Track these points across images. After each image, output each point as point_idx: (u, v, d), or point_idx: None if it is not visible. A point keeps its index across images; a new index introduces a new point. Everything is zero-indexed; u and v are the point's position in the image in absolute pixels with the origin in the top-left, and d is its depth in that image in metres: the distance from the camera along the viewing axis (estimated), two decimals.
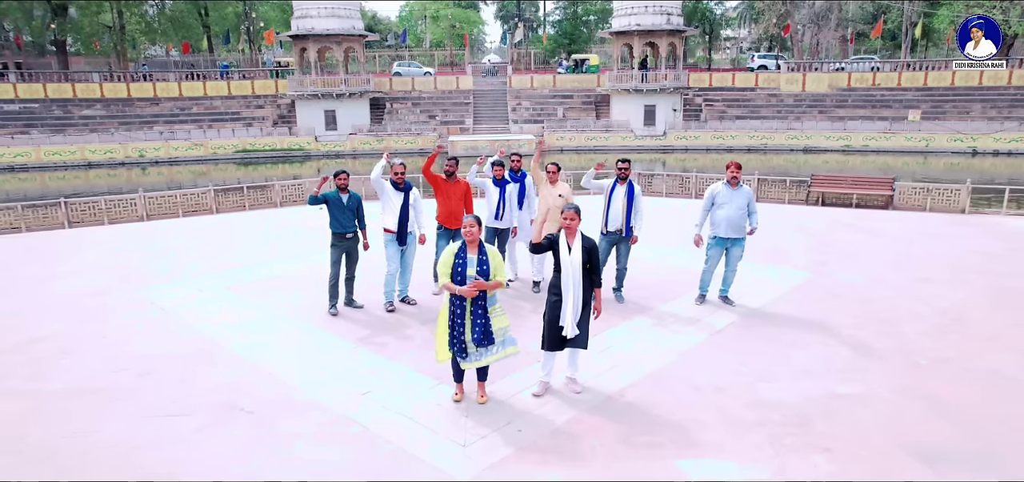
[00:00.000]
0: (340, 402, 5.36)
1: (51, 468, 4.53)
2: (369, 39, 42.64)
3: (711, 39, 56.15)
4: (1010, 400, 5.33)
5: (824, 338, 6.63)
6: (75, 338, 6.99)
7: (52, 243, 12.02)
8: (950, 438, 4.74)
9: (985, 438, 4.74)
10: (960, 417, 5.03)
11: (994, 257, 10.05)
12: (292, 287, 8.58)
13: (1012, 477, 4.26)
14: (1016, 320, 7.22)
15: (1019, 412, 5.13)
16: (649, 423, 4.97)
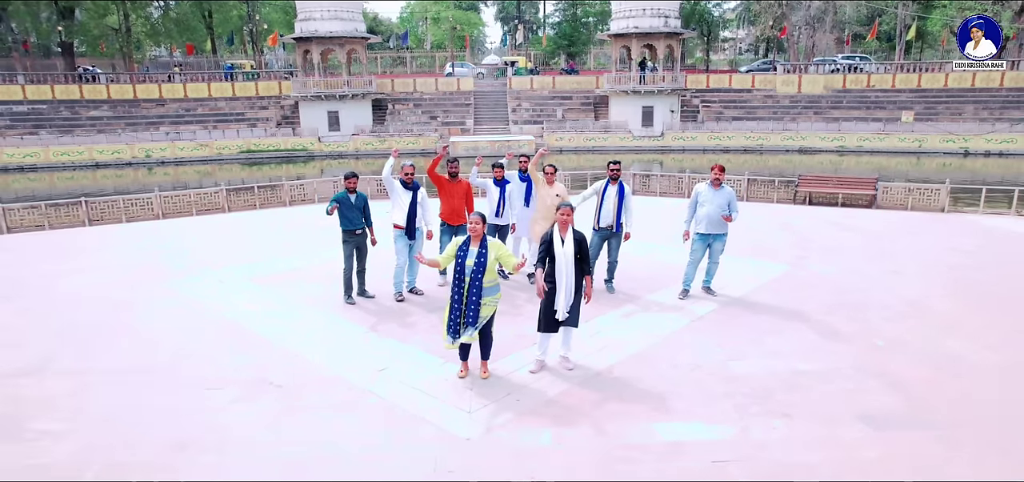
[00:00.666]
0: (359, 377, 6.02)
1: (110, 428, 5.18)
2: (371, 41, 43.29)
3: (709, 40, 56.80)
4: (958, 378, 5.98)
5: (795, 324, 7.29)
6: (111, 326, 7.65)
7: (76, 240, 12.68)
8: (897, 408, 5.39)
9: (929, 408, 5.39)
10: (910, 392, 5.68)
11: (964, 252, 10.71)
12: (308, 279, 9.23)
13: (944, 434, 4.91)
14: (974, 308, 7.87)
15: (964, 387, 5.78)
16: (632, 394, 5.63)
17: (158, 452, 4.85)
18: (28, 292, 9.06)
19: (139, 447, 4.93)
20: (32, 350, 6.87)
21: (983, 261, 10.20)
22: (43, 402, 5.68)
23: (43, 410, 5.53)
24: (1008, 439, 4.90)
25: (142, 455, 4.83)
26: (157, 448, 4.91)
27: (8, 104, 38.83)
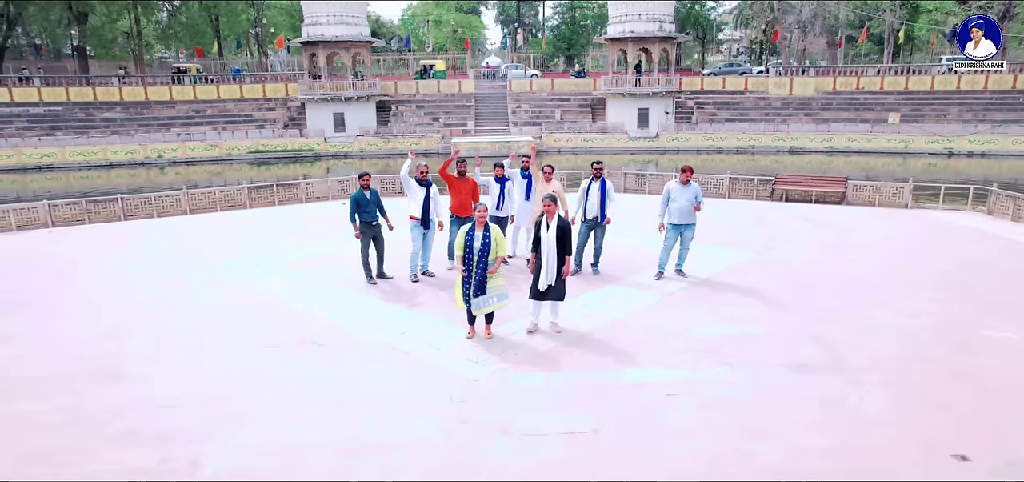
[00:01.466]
0: (385, 339, 7.35)
1: (189, 373, 6.51)
2: (375, 45, 44.62)
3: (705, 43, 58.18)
4: (871, 337, 7.30)
5: (750, 299, 8.62)
6: (169, 300, 8.97)
7: (116, 233, 14.01)
8: (818, 359, 6.72)
9: (842, 360, 6.71)
10: (831, 348, 7.01)
11: (912, 241, 12.05)
12: (332, 264, 10.55)
13: (851, 377, 6.24)
14: (903, 286, 9.21)
15: (876, 345, 7.10)
16: (607, 350, 6.96)
17: (234, 391, 6.18)
18: (92, 274, 10.40)
19: (217, 387, 6.26)
20: (112, 319, 8.21)
21: (925, 249, 11.54)
22: (132, 355, 7.01)
23: (134, 361, 6.86)
24: (899, 381, 6.22)
25: (222, 391, 6.16)
26: (232, 388, 6.24)
27: (25, 106, 40.21)
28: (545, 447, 5.14)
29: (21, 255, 12.06)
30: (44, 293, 9.47)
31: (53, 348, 7.30)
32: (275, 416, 5.66)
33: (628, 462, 4.92)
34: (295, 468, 4.87)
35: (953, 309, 8.22)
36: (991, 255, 11.09)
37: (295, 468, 4.87)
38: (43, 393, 6.19)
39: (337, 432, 5.40)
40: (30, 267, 11.12)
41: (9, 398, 6.12)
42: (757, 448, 5.07)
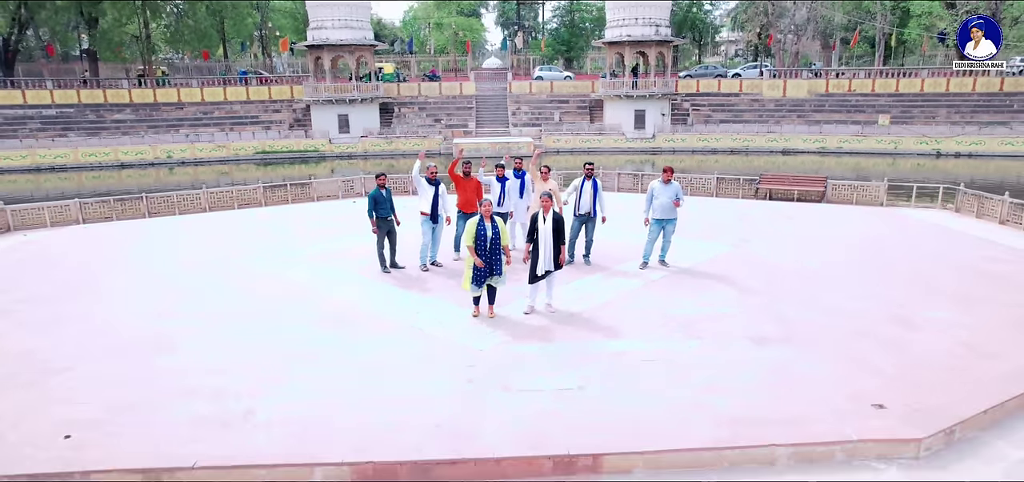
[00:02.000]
0: (403, 319, 8.43)
1: (237, 348, 7.58)
2: (379, 48, 45.68)
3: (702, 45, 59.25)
4: (824, 316, 8.37)
5: (723, 284, 9.70)
6: (210, 288, 10.06)
7: (145, 229, 15.09)
8: (775, 334, 7.79)
9: (795, 334, 7.79)
10: (787, 325, 8.08)
11: (878, 236, 13.13)
12: (348, 257, 11.62)
13: (800, 348, 7.31)
14: (858, 273, 10.30)
15: (824, 321, 8.17)
16: (595, 326, 8.04)
17: (275, 360, 7.26)
18: (132, 265, 11.48)
19: (260, 358, 7.34)
20: (160, 303, 9.29)
21: (888, 243, 12.61)
22: (182, 333, 8.08)
23: (185, 337, 7.94)
24: (840, 351, 7.28)
25: (265, 361, 7.23)
26: (274, 358, 7.32)
27: (38, 108, 41.28)
28: (539, 400, 6.22)
29: (64, 248, 13.15)
30: (95, 281, 10.55)
31: (116, 325, 8.39)
32: (312, 379, 6.74)
33: (606, 410, 6.00)
34: (334, 416, 5.95)
35: (900, 294, 9.30)
36: (946, 248, 12.17)
37: (334, 416, 5.95)
38: (116, 359, 7.27)
39: (365, 389, 6.48)
40: (75, 259, 12.21)
41: (91, 361, 7.21)
42: (714, 400, 6.14)
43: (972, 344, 7.42)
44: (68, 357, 7.37)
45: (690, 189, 18.68)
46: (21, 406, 6.20)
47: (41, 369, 7.06)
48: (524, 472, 5.24)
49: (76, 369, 7.07)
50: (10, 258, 12.42)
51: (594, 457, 5.26)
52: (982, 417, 5.82)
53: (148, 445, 5.49)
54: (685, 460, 5.33)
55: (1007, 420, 5.95)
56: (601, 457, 5.26)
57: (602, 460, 5.26)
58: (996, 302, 8.91)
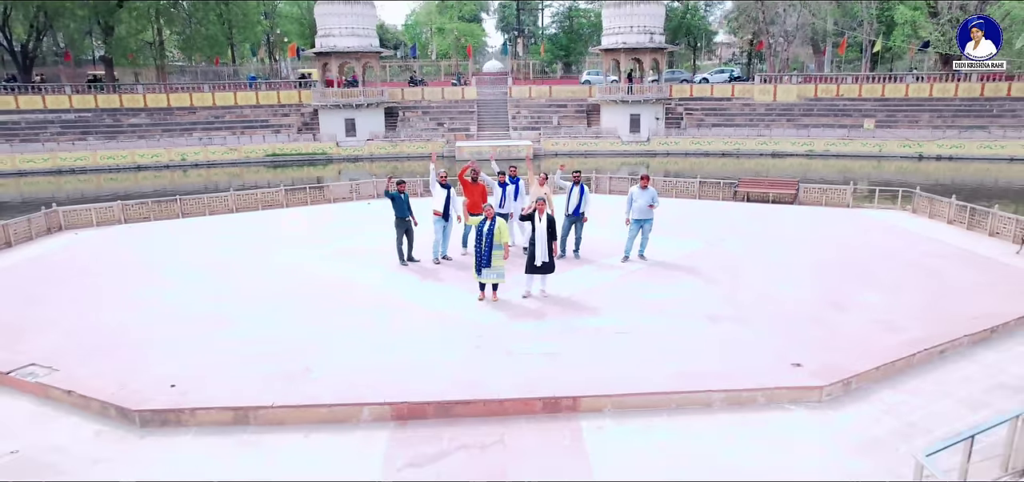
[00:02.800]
0: (418, 302, 10.14)
1: (291, 321, 9.29)
2: (384, 55, 47.38)
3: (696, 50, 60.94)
4: (771, 301, 10.08)
5: (692, 276, 11.41)
6: (255, 277, 11.76)
7: (181, 228, 16.80)
8: (729, 313, 9.50)
9: (746, 314, 9.49)
10: (740, 308, 9.78)
11: (836, 235, 14.82)
12: (368, 252, 13.30)
13: (747, 324, 9.02)
14: (813, 267, 11.99)
15: (774, 307, 9.86)
16: (580, 307, 9.75)
17: (322, 333, 8.97)
18: (181, 258, 13.19)
19: (309, 331, 9.04)
20: (213, 289, 11.00)
21: (844, 240, 14.31)
22: (237, 312, 9.80)
23: (240, 316, 9.65)
24: (778, 326, 8.98)
25: (313, 333, 8.93)
26: (320, 331, 9.03)
27: (57, 112, 42.98)
28: (531, 361, 7.92)
29: (116, 244, 14.87)
30: (153, 271, 12.28)
31: (181, 306, 10.11)
32: (353, 348, 8.45)
33: (585, 367, 7.71)
34: (373, 373, 7.65)
35: (842, 283, 11.01)
36: (893, 245, 13.86)
37: (373, 373, 7.65)
38: (190, 331, 8.99)
39: (395, 354, 8.19)
40: (129, 253, 13.93)
41: (170, 333, 8.92)
42: (670, 361, 7.85)
43: (885, 321, 9.13)
44: (153, 329, 9.09)
45: (675, 192, 20.37)
46: (132, 364, 7.92)
47: (135, 338, 8.78)
48: (520, 410, 6.94)
49: (162, 339, 8.78)
50: (72, 253, 14.15)
51: (574, 399, 6.97)
52: (874, 372, 7.53)
53: (231, 393, 7.20)
54: (642, 402, 7.03)
55: (894, 375, 7.65)
56: (579, 399, 6.97)
57: (579, 401, 6.97)
58: (917, 290, 10.62)
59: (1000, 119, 41.73)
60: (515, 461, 6.15)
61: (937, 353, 8.19)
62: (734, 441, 6.45)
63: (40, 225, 16.26)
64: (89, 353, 8.34)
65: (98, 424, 6.92)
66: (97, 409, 7.07)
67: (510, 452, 6.28)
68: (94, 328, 9.32)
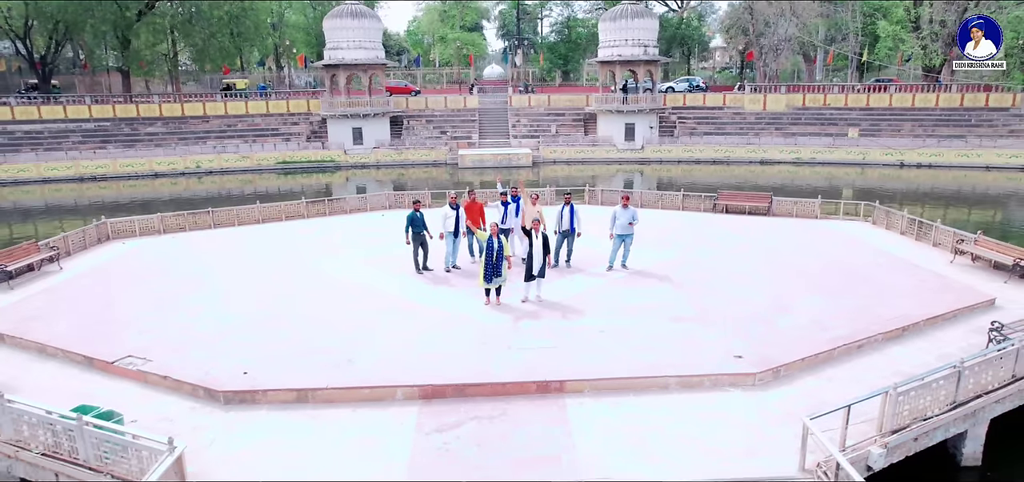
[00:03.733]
0: (432, 304, 12.14)
1: (329, 321, 11.28)
2: (389, 67, 49.38)
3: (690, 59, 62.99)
4: (730, 303, 12.04)
5: (665, 283, 13.40)
6: (292, 283, 13.75)
7: (217, 237, 18.79)
8: (690, 315, 11.49)
9: (707, 315, 11.47)
10: (702, 310, 11.77)
11: (799, 244, 16.80)
12: (389, 260, 15.24)
13: (705, 324, 11.00)
14: (771, 274, 13.97)
15: (730, 309, 11.83)
16: (568, 309, 11.75)
17: (356, 331, 10.95)
18: (224, 264, 15.19)
19: (345, 329, 11.03)
20: (261, 291, 13.00)
21: (804, 249, 16.29)
22: (283, 312, 11.78)
23: (286, 316, 11.64)
24: (732, 326, 10.95)
25: (349, 331, 10.92)
26: (355, 329, 11.01)
27: (78, 122, 44.97)
28: (529, 353, 9.92)
29: (163, 252, 16.86)
30: (205, 276, 14.27)
31: (237, 306, 12.11)
32: (384, 342, 10.45)
33: (570, 358, 9.69)
34: (401, 363, 9.65)
35: (792, 289, 12.99)
36: (846, 255, 15.84)
37: (401, 363, 9.65)
38: (250, 330, 10.99)
39: (419, 348, 10.18)
40: (178, 262, 15.92)
41: (235, 329, 10.91)
42: (638, 353, 9.83)
43: (820, 322, 11.12)
44: (217, 327, 11.10)
45: (661, 204, 22.29)
46: (208, 356, 9.92)
47: (205, 334, 10.79)
48: (519, 391, 8.93)
49: (230, 334, 10.79)
50: (126, 261, 16.15)
51: (561, 382, 8.96)
52: (799, 362, 9.52)
53: (293, 378, 9.19)
54: (614, 385, 9.02)
55: (816, 366, 9.64)
56: (565, 382, 8.96)
57: (565, 384, 8.96)
58: (855, 295, 12.61)
59: (977, 129, 43.71)
60: (514, 428, 8.14)
61: (855, 348, 10.19)
62: (683, 415, 8.44)
63: (92, 236, 18.23)
64: (171, 347, 10.33)
65: (190, 402, 8.91)
66: (188, 390, 9.06)
67: (510, 422, 8.28)
68: (169, 326, 11.32)
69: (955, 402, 8.31)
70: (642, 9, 45.58)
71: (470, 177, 41.67)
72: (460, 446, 7.81)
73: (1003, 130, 43.05)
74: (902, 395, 7.73)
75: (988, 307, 11.97)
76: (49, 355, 10.40)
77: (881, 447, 7.43)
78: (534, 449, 7.71)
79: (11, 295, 13.59)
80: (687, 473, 7.16)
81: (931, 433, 8.09)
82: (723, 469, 7.22)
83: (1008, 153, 40.65)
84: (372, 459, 7.57)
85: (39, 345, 10.58)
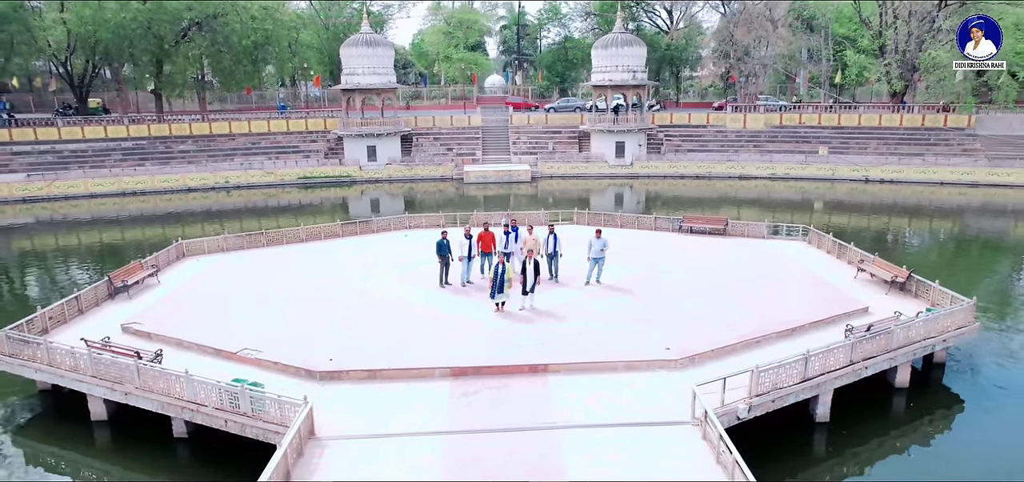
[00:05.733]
0: (460, 314, 16.50)
1: (378, 325, 15.62)
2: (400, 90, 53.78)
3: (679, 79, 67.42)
4: (676, 311, 16.40)
5: (627, 294, 17.74)
6: (341, 296, 18.10)
7: (272, 255, 23.12)
8: (647, 318, 15.82)
9: (659, 317, 15.80)
10: (654, 314, 16.10)
11: (742, 262, 21.10)
12: (418, 277, 19.54)
13: (657, 326, 15.34)
14: (712, 287, 18.28)
15: (675, 314, 16.18)
16: (554, 316, 16.10)
17: (400, 333, 15.30)
18: (281, 280, 19.54)
19: (388, 332, 15.39)
20: (323, 306, 17.34)
21: (743, 265, 20.59)
22: (344, 321, 16.14)
23: (346, 324, 15.99)
24: (673, 328, 15.25)
25: (393, 333, 15.26)
26: (399, 331, 15.37)
27: (117, 141, 49.38)
28: (524, 346, 14.26)
29: (233, 268, 21.21)
30: (272, 288, 18.62)
31: (309, 311, 16.46)
32: (422, 338, 14.81)
33: (554, 349, 14.02)
34: (435, 353, 14.00)
35: (725, 297, 17.29)
36: (777, 270, 20.14)
37: (435, 353, 14.00)
38: (322, 331, 15.33)
39: (446, 343, 14.53)
40: (248, 276, 20.26)
41: (311, 331, 15.24)
42: (603, 346, 14.16)
43: (734, 324, 15.44)
44: (302, 327, 15.45)
45: (637, 224, 26.60)
46: (302, 347, 14.24)
47: (294, 332, 15.14)
48: (517, 371, 13.27)
49: (311, 334, 15.14)
50: (206, 276, 20.48)
51: (545, 365, 13.32)
52: (710, 352, 13.86)
53: (364, 362, 13.55)
54: (582, 367, 13.36)
55: (723, 355, 13.95)
56: (548, 365, 13.31)
57: (549, 366, 13.31)
58: (769, 304, 16.90)
59: (935, 147, 48.05)
60: (514, 394, 12.49)
61: (754, 343, 14.52)
62: (625, 386, 12.77)
63: (173, 254, 22.58)
64: (273, 342, 14.65)
65: (295, 379, 13.25)
66: (293, 371, 13.42)
67: (511, 390, 12.63)
68: (262, 328, 15.63)
69: (805, 377, 12.65)
70: (631, 38, 49.99)
71: (474, 192, 46.09)
72: (479, 403, 12.16)
73: (957, 149, 47.38)
74: (763, 372, 12.07)
75: (862, 314, 16.30)
76: (185, 347, 14.75)
77: (745, 405, 11.77)
78: (525, 405, 12.05)
79: (132, 304, 17.96)
80: (620, 418, 11.51)
81: (785, 397, 12.41)
82: (643, 416, 11.57)
83: (960, 170, 44.98)
84: (422, 413, 11.92)
85: (177, 340, 14.94)
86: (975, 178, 44.41)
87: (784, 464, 12.39)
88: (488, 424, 11.49)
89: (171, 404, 12.37)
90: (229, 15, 46.79)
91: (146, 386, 12.61)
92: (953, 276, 21.12)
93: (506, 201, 41.65)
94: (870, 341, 13.74)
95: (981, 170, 44.52)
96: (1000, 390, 15.41)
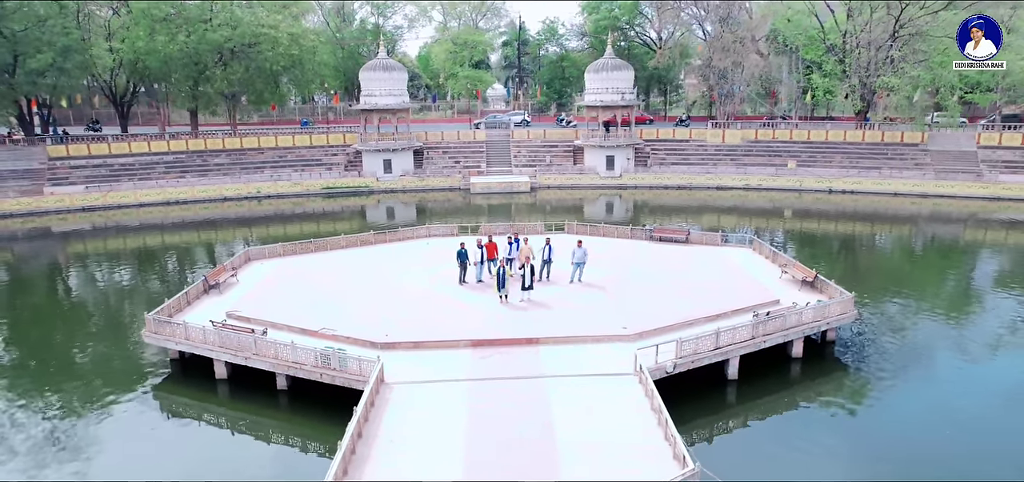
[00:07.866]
0: (475, 304, 22.20)
1: (412, 312, 21.33)
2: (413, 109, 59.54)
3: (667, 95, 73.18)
4: (639, 302, 22.01)
5: (602, 290, 23.41)
6: (386, 294, 23.80)
7: (319, 260, 28.82)
8: (613, 308, 21.52)
9: (622, 308, 21.50)
10: (621, 305, 21.78)
11: (695, 265, 26.77)
12: (441, 277, 25.20)
13: (625, 315, 21.04)
14: (667, 285, 23.95)
15: (638, 305, 21.80)
16: (545, 306, 21.77)
17: (430, 317, 21.03)
18: (331, 282, 25.24)
19: (423, 317, 21.09)
20: (369, 301, 23.06)
21: (697, 268, 26.25)
22: (387, 312, 21.84)
23: (391, 314, 21.68)
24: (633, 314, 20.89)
25: (426, 318, 20.95)
26: (429, 316, 21.09)
27: (160, 155, 55.13)
28: (522, 326, 19.93)
29: (293, 271, 26.90)
30: (327, 285, 24.32)
31: (362, 303, 22.17)
32: (449, 321, 20.50)
33: (545, 328, 19.69)
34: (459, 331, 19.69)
35: (676, 292, 22.95)
36: (721, 272, 25.77)
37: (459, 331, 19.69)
38: (374, 315, 21.05)
39: (463, 322, 20.24)
40: (306, 277, 25.97)
41: (365, 321, 20.92)
42: (582, 326, 19.84)
43: (677, 311, 21.09)
44: (361, 314, 21.16)
45: (616, 233, 32.28)
46: (365, 327, 19.94)
47: (356, 318, 20.84)
48: (517, 343, 18.94)
49: (367, 317, 20.83)
50: (275, 276, 26.15)
51: (537, 339, 19.03)
52: (655, 331, 19.52)
53: (410, 335, 19.26)
54: (561, 340, 19.02)
55: (665, 332, 19.52)
56: (539, 338, 19.01)
57: (539, 339, 18.99)
58: (707, 297, 22.54)
59: (892, 161, 53.69)
60: (515, 357, 18.17)
61: (688, 324, 20.20)
62: (591, 353, 18.44)
63: (241, 259, 28.28)
64: (342, 323, 20.33)
65: (364, 350, 18.89)
66: (363, 343, 19.09)
67: (512, 356, 18.31)
68: (331, 311, 21.30)
69: (717, 346, 18.34)
70: (620, 63, 55.71)
71: (480, 201, 51.78)
72: (491, 362, 17.87)
73: (911, 163, 53.03)
74: (685, 342, 17.76)
75: (773, 304, 21.98)
76: (277, 328, 20.45)
77: (672, 364, 17.47)
78: (523, 364, 17.75)
79: (223, 298, 23.63)
80: (586, 371, 17.21)
81: (702, 359, 18.09)
82: (602, 371, 17.28)
83: (912, 183, 50.62)
84: (453, 368, 17.63)
85: (270, 322, 20.63)
86: (924, 190, 50.00)
87: (704, 405, 18.07)
88: (497, 375, 17.19)
89: (279, 364, 18.06)
90: (263, 43, 52.44)
91: (261, 351, 18.31)
92: (869, 276, 26.80)
93: (508, 210, 47.37)
94: (770, 322, 19.43)
95: (929, 183, 50.13)
96: (877, 356, 21.09)
